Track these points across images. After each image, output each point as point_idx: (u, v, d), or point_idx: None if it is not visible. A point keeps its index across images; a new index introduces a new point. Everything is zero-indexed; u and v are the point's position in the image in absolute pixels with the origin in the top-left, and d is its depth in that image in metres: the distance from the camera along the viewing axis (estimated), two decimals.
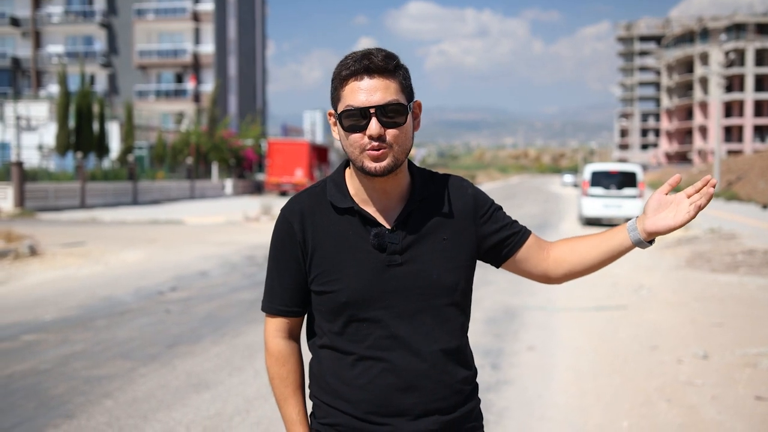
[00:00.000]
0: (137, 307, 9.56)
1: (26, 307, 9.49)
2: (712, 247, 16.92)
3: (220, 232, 20.33)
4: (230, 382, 6.21)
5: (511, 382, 6.37)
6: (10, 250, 14.24)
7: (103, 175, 34.88)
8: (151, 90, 60.49)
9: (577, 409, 5.68)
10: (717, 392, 6.05)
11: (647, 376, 6.54)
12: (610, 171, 24.34)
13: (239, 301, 9.97)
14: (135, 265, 13.65)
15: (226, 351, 7.25)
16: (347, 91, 1.91)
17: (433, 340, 1.99)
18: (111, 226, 22.13)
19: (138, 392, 5.88)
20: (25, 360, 6.83)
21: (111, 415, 5.33)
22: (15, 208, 27.03)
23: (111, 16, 60.49)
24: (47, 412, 5.40)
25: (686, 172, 70.17)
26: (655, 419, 5.42)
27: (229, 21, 63.02)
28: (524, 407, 5.70)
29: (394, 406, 1.97)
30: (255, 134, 51.61)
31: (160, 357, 6.99)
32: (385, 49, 1.96)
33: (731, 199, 42.78)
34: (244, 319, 8.80)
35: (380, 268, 1.97)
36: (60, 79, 34.54)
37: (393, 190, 2.01)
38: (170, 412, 5.41)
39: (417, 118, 2.04)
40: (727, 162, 57.88)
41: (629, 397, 5.96)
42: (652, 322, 8.92)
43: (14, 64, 61.46)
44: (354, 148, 1.92)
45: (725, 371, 6.68)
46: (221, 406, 5.58)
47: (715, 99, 57.54)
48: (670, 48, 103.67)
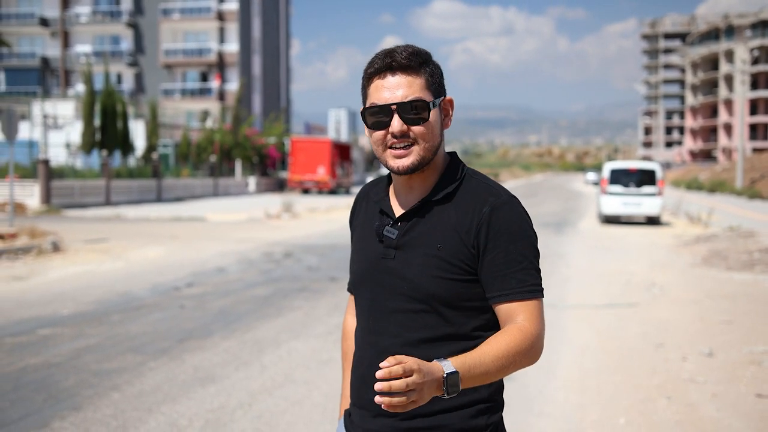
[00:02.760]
0: (153, 302, 9.67)
1: (45, 302, 9.63)
2: (729, 245, 16.79)
3: (240, 230, 20.47)
4: (236, 376, 6.28)
5: (513, 378, 6.36)
6: (33, 246, 14.44)
7: (128, 173, 35.21)
8: (176, 89, 60.96)
9: (576, 405, 5.69)
10: (718, 390, 6.03)
11: (650, 374, 6.53)
12: (629, 169, 24.21)
13: (253, 297, 10.05)
14: (154, 261, 13.79)
15: (235, 346, 7.32)
16: (372, 89, 1.94)
17: (401, 343, 1.93)
18: (134, 223, 22.35)
19: (145, 385, 5.97)
20: (39, 354, 6.94)
21: (116, 408, 5.42)
22: (41, 205, 27.35)
23: (137, 16, 61.01)
24: (55, 404, 5.50)
25: (710, 170, 69.50)
26: (653, 416, 5.41)
27: (253, 20, 63.31)
28: (524, 403, 5.72)
29: (363, 398, 2.00)
30: (278, 132, 51.83)
31: (170, 351, 7.08)
32: (416, 46, 1.95)
33: (754, 197, 42.35)
34: (256, 315, 8.87)
35: (376, 259, 2.00)
36: (85, 78, 34.86)
37: (418, 187, 1.99)
38: (174, 405, 5.49)
39: (447, 116, 2.03)
40: (751, 159, 57.27)
41: (630, 394, 5.97)
42: (661, 320, 8.89)
43: (43, 64, 62.23)
44: (378, 146, 1.94)
45: (729, 369, 6.66)
46: (225, 399, 5.65)
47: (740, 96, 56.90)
48: (695, 45, 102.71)
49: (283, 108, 68.58)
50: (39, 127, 38.68)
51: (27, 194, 27.86)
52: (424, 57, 1.95)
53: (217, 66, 60.75)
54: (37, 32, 62.34)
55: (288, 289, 10.70)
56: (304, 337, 7.73)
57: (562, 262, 14.37)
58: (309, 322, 8.49)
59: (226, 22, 60.64)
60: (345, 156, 48.10)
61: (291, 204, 26.80)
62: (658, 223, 24.19)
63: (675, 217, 26.97)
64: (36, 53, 62.15)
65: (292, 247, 15.97)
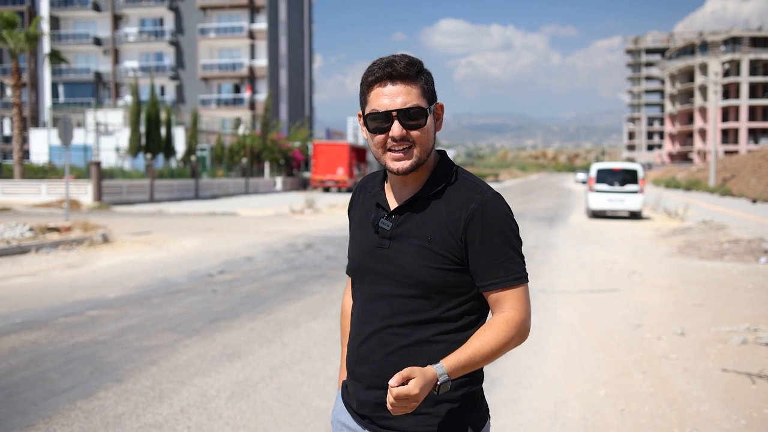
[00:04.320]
0: (188, 287, 9.69)
1: (94, 287, 9.66)
2: (702, 236, 16.65)
3: (268, 223, 20.48)
4: (260, 352, 6.27)
5: (506, 355, 6.35)
6: (85, 238, 14.51)
7: (170, 173, 35.31)
8: (212, 99, 61.06)
9: (561, 379, 5.65)
10: (689, 365, 5.98)
11: (628, 351, 6.48)
12: (613, 169, 24.02)
13: (277, 283, 10.04)
14: (191, 251, 13.81)
15: (260, 326, 7.32)
16: (372, 96, 1.89)
17: (392, 324, 1.91)
18: (175, 218, 22.40)
19: (180, 360, 5.97)
20: (87, 332, 6.97)
21: (154, 380, 5.43)
22: (94, 202, 27.47)
23: (178, 35, 61.15)
24: (100, 376, 5.51)
25: (687, 170, 68.98)
26: (630, 389, 5.37)
27: (280, 38, 63.33)
28: (514, 377, 5.69)
29: (356, 372, 1.99)
30: (302, 137, 51.83)
31: (203, 330, 7.08)
32: (410, 55, 1.92)
33: (725, 194, 42.00)
34: (279, 298, 8.87)
35: (372, 248, 1.97)
36: (133, 90, 34.97)
37: (411, 183, 1.96)
38: (205, 378, 5.50)
39: (439, 119, 1.98)
40: (723, 161, 56.80)
41: (609, 369, 5.92)
42: (640, 304, 8.82)
43: (96, 78, 62.59)
44: (378, 148, 1.91)
45: (698, 347, 6.59)
46: (249, 373, 5.65)
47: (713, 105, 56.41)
48: (673, 59, 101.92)
49: (307, 116, 68.57)
50: (92, 134, 38.88)
51: (81, 192, 28.00)
52: (419, 66, 1.91)
53: (248, 79, 60.77)
54: (91, 50, 62.68)
55: (308, 276, 10.69)
56: (321, 318, 7.72)
57: (553, 252, 14.29)
58: (326, 304, 8.48)
59: (256, 40, 60.64)
60: (361, 158, 48.07)
61: (313, 201, 26.79)
62: (639, 218, 24.03)
63: (655, 212, 26.78)
64: (90, 68, 62.48)
65: (313, 239, 15.97)
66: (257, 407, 4.87)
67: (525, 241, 16.16)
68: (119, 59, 62.59)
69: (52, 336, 6.78)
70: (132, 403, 4.90)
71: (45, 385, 5.26)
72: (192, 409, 4.79)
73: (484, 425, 1.95)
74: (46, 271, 11.15)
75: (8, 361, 5.88)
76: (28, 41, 31.59)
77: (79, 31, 62.72)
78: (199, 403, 4.93)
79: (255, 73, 60.71)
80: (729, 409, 4.91)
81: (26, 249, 13.12)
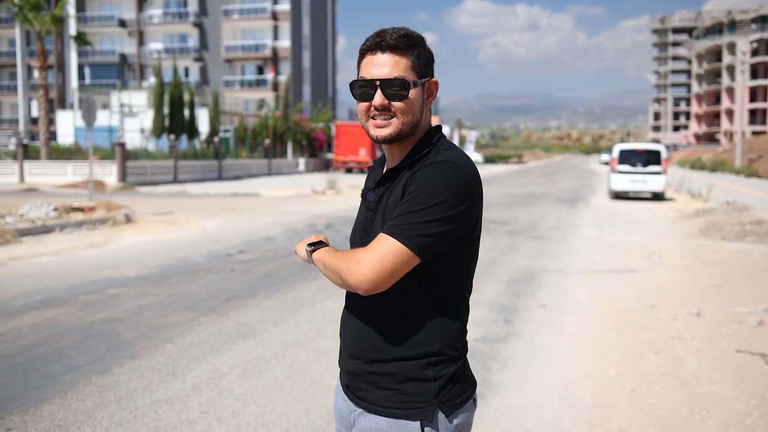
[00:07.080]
0: (207, 266, 9.76)
1: (116, 265, 9.77)
2: (725, 217, 16.45)
3: (289, 204, 20.55)
4: (274, 330, 6.32)
5: (519, 335, 6.34)
6: (108, 218, 14.67)
7: (193, 155, 35.52)
8: (236, 80, 61.21)
9: (573, 359, 5.63)
10: (702, 345, 5.93)
11: (642, 331, 6.43)
12: (636, 150, 23.78)
13: (295, 263, 10.08)
14: (212, 231, 13.91)
15: (275, 305, 7.37)
16: (363, 64, 1.90)
17: (373, 296, 1.83)
18: (197, 198, 22.56)
19: (195, 338, 6.04)
20: (106, 309, 7.06)
21: (168, 357, 5.49)
22: (118, 182, 27.74)
23: (202, 17, 61.24)
24: (116, 353, 5.59)
25: (712, 151, 68.07)
26: (641, 369, 5.34)
27: (303, 19, 63.17)
28: (527, 357, 5.68)
29: (341, 342, 2.01)
30: (325, 118, 51.81)
31: (219, 309, 7.15)
32: (410, 30, 1.89)
33: (750, 175, 41.42)
34: (296, 278, 8.91)
35: (363, 220, 2.00)
36: (156, 71, 35.13)
37: (397, 156, 1.94)
38: (218, 355, 5.55)
39: (431, 96, 1.95)
40: (749, 141, 55.96)
41: (622, 349, 5.89)
42: (657, 284, 8.75)
43: (121, 60, 62.97)
44: (362, 115, 1.91)
45: (714, 327, 6.53)
46: (262, 350, 5.70)
47: (741, 85, 55.46)
48: (700, 39, 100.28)
49: (330, 97, 68.49)
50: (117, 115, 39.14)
51: (106, 173, 28.28)
52: (414, 40, 1.88)
53: (272, 60, 60.79)
54: (116, 32, 63.04)
55: None
56: (337, 297, 7.75)
57: (573, 233, 14.20)
58: None
59: (279, 21, 60.59)
60: None
61: (335, 181, 26.82)
62: (662, 199, 23.77)
63: (678, 193, 26.48)
64: (115, 50, 62.91)
65: (333, 219, 16.00)
66: (268, 384, 4.91)
67: (545, 222, 16.09)
68: (144, 41, 62.88)
69: (72, 313, 6.88)
70: (146, 379, 4.96)
71: (62, 361, 5.34)
72: (204, 386, 4.85)
73: (456, 411, 1.85)
74: (69, 250, 11.29)
75: (28, 338, 5.98)
76: (53, 23, 31.79)
77: (105, 13, 63.07)
78: (211, 379, 4.98)
79: (278, 55, 60.69)
80: (740, 389, 4.87)
81: (50, 228, 13.30)
